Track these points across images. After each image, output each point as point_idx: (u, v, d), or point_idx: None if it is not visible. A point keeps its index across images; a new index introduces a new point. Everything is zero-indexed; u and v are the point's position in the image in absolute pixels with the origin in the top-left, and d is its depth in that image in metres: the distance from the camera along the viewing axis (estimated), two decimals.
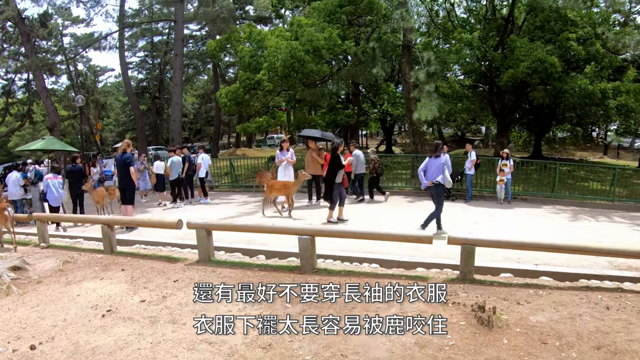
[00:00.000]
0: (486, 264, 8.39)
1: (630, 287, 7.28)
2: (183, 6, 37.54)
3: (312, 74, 22.81)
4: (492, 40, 28.57)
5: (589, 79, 23.87)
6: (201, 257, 8.65)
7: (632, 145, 55.10)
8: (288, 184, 14.83)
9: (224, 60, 44.21)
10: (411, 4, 24.69)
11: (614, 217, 15.89)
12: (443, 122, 40.36)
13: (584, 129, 39.35)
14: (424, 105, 19.86)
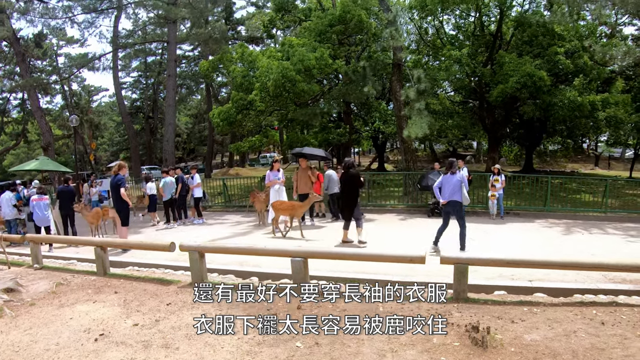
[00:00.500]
0: (480, 281, 8.39)
1: (625, 301, 7.31)
2: (176, 27, 37.73)
3: (303, 93, 22.88)
4: (481, 56, 28.82)
5: (578, 91, 24.11)
6: (194, 280, 8.63)
7: (623, 156, 55.43)
8: (296, 205, 14.46)
9: (216, 80, 44.42)
10: (400, 22, 24.91)
11: (607, 228, 15.94)
12: (435, 138, 40.53)
13: (575, 141, 39.65)
14: (414, 123, 19.96)
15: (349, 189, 12.36)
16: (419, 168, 24.24)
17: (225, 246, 9.34)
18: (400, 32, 23.83)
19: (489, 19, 30.77)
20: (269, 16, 36.50)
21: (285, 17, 33.28)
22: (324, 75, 27.20)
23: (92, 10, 38.34)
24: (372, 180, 23.84)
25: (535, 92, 23.49)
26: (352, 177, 12.29)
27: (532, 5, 30.50)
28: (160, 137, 55.21)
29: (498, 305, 6.99)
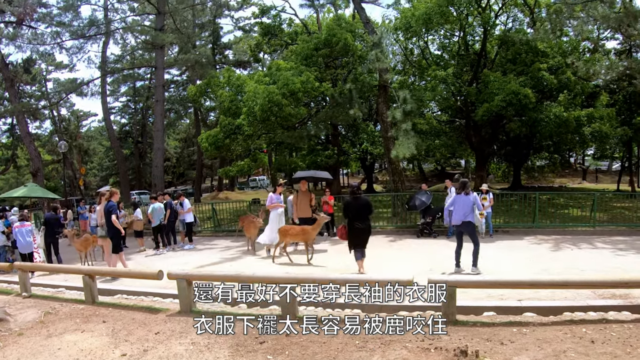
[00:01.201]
0: (469, 303, 8.38)
1: (615, 317, 7.35)
2: (163, 53, 37.84)
3: (290, 117, 22.96)
4: (467, 75, 29.04)
5: (563, 107, 24.33)
6: (182, 308, 8.64)
7: (610, 168, 55.97)
8: (306, 229, 13.78)
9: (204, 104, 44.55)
10: (386, 43, 25.08)
11: (596, 243, 16.04)
12: (423, 157, 40.66)
13: (562, 156, 39.87)
14: (401, 144, 20.09)
15: (363, 216, 11.52)
16: (407, 188, 24.31)
17: (213, 274, 9.35)
18: (386, 54, 24.03)
19: (474, 38, 31.02)
20: (255, 40, 36.87)
21: (271, 41, 33.59)
22: (310, 98, 27.32)
23: (81, 36, 38.42)
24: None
25: (521, 110, 23.67)
26: (366, 204, 11.56)
27: (515, 24, 30.85)
28: (149, 161, 55.19)
29: (487, 327, 7.01)
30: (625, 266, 12.12)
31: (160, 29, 35.68)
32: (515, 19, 31.06)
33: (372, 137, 34.91)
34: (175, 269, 9.20)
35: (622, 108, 30.15)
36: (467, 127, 29.86)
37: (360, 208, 11.48)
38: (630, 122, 29.05)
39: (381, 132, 26.25)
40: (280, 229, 14.44)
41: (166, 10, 36.32)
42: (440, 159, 48.63)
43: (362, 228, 11.50)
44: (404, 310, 8.18)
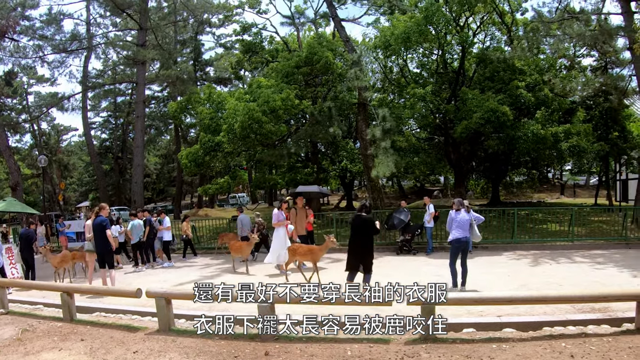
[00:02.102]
0: (449, 319, 8.14)
1: (594, 331, 7.46)
2: (145, 68, 37.84)
3: (270, 134, 22.99)
4: (445, 92, 29.25)
5: (540, 123, 24.57)
6: (161, 327, 8.59)
7: (588, 183, 56.49)
8: (314, 249, 13.63)
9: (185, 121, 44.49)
10: (366, 61, 25.34)
11: (574, 257, 16.24)
12: (402, 174, 40.74)
13: (540, 171, 40.17)
14: (381, 162, 20.23)
15: (362, 235, 10.98)
16: (387, 205, 24.41)
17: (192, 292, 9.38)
18: (365, 72, 24.26)
19: (452, 57, 31.28)
20: (236, 57, 36.98)
21: (252, 58, 33.69)
22: (290, 116, 27.40)
23: (63, 50, 38.28)
24: (341, 219, 23.95)
25: (499, 127, 23.89)
26: (364, 222, 10.99)
27: (493, 42, 31.21)
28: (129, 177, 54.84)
29: (467, 344, 7.07)
30: (603, 280, 12.33)
31: (142, 44, 35.72)
32: (493, 37, 31.44)
33: (351, 155, 35.00)
34: (154, 287, 9.21)
35: (599, 123, 30.49)
36: (445, 144, 30.03)
37: (358, 226, 11.03)
38: (606, 137, 29.38)
39: (360, 149, 26.35)
40: (289, 248, 14.26)
41: (148, 26, 36.40)
42: (419, 176, 48.71)
43: (358, 249, 11.04)
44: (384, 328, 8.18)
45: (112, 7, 35.58)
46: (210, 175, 39.82)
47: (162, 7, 41.60)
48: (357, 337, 7.65)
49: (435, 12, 24.39)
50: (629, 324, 7.81)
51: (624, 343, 6.80)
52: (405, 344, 7.07)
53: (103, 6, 38.68)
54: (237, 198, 60.86)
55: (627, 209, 22.90)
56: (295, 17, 33.95)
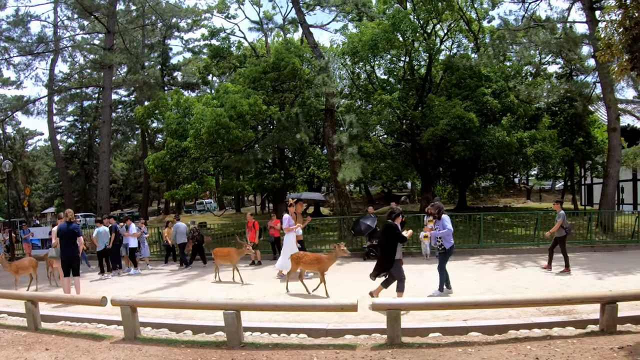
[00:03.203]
0: (414, 325, 8.43)
1: (560, 333, 7.54)
2: (112, 72, 37.41)
3: (237, 140, 22.90)
4: (412, 99, 29.45)
5: (506, 130, 24.82)
6: (127, 335, 8.45)
7: (553, 187, 57.33)
8: (321, 258, 12.36)
9: (152, 126, 44.08)
10: (333, 68, 25.40)
11: (540, 261, 16.40)
12: (369, 180, 40.83)
13: (506, 177, 40.53)
14: (347, 167, 20.26)
15: (384, 242, 10.70)
16: (354, 211, 24.45)
17: (158, 300, 9.27)
18: (333, 78, 24.32)
19: (419, 63, 31.54)
20: (204, 62, 36.75)
21: (220, 63, 33.54)
22: (258, 122, 27.27)
23: (29, 53, 37.61)
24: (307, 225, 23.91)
25: (465, 134, 24.13)
26: (385, 229, 10.74)
27: (460, 49, 31.54)
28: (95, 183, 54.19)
29: (433, 348, 7.06)
30: (568, 282, 12.55)
31: (109, 48, 35.32)
32: (460, 44, 31.80)
33: (318, 161, 35.11)
34: (120, 295, 9.04)
35: (564, 129, 30.96)
36: (412, 150, 30.22)
37: (390, 234, 10.60)
38: (571, 143, 29.85)
39: (328, 155, 26.38)
40: (292, 256, 13.10)
41: (116, 29, 36.00)
42: (386, 182, 48.89)
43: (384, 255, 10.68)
44: (350, 334, 8.21)
45: (80, 9, 35.07)
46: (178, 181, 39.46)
47: (130, 11, 41.17)
48: (324, 343, 7.63)
49: (402, 20, 24.57)
50: (593, 326, 7.89)
51: (588, 344, 6.88)
52: (372, 350, 7.05)
53: (71, 8, 38.14)
54: (205, 204, 60.54)
55: (592, 212, 23.20)
56: (263, 23, 33.92)
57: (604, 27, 8.66)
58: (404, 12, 25.61)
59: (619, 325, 7.68)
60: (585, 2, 23.06)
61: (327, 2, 28.08)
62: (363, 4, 27.73)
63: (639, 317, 8.51)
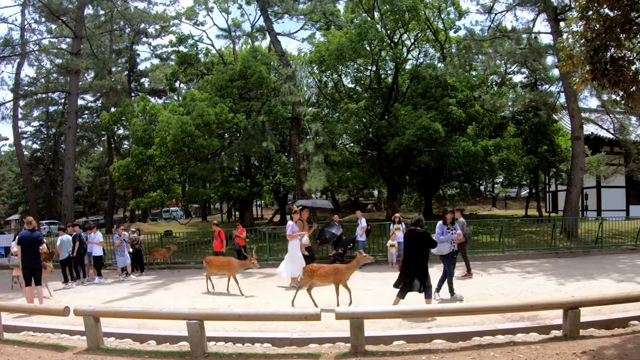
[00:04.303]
0: (378, 333, 8.44)
1: (523, 339, 7.60)
2: (78, 78, 36.90)
3: (202, 148, 22.85)
4: (379, 107, 29.62)
5: (471, 139, 25.06)
6: (90, 345, 8.34)
7: (519, 195, 58.08)
8: (339, 269, 11.48)
9: (118, 133, 43.57)
10: (301, 76, 25.43)
11: (505, 267, 16.61)
12: (336, 188, 40.85)
13: (472, 185, 40.89)
14: (313, 176, 20.33)
15: (416, 250, 10.47)
16: (320, 219, 24.43)
17: (120, 310, 9.16)
18: (300, 87, 24.39)
19: (386, 72, 31.74)
20: (171, 69, 36.49)
21: (187, 70, 33.35)
22: (224, 130, 27.15)
23: None
24: (274, 234, 23.84)
25: (431, 143, 24.34)
26: (420, 236, 10.49)
27: (426, 59, 31.86)
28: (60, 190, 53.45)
29: (397, 356, 7.09)
30: (533, 289, 12.71)
31: (76, 53, 34.85)
32: (426, 54, 32.15)
33: (285, 169, 35.09)
34: (82, 305, 8.91)
35: (529, 138, 31.37)
36: (379, 159, 30.33)
37: (412, 240, 10.58)
38: (536, 151, 30.26)
39: (294, 164, 26.38)
40: (306, 268, 12.00)
41: (83, 34, 35.52)
42: (353, 190, 49.01)
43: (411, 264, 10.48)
44: (314, 343, 8.22)
45: (47, 13, 34.58)
46: (143, 188, 39.04)
47: (98, 15, 40.64)
48: (288, 352, 7.62)
49: (368, 29, 24.68)
50: (556, 331, 8.02)
51: (551, 350, 6.97)
52: (336, 358, 7.06)
53: (38, 12, 37.61)
54: (171, 212, 60.10)
55: (556, 219, 23.58)
56: (231, 30, 33.81)
57: (565, 38, 8.82)
58: (370, 22, 25.75)
59: (582, 330, 7.82)
60: (550, 13, 23.47)
61: (296, 11, 28.12)
62: (331, 13, 27.88)
63: (601, 321, 8.72)
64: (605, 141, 29.59)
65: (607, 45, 7.95)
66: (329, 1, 28.22)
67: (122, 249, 19.09)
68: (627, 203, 32.63)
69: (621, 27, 7.89)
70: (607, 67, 7.94)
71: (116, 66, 46.76)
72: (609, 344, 7.20)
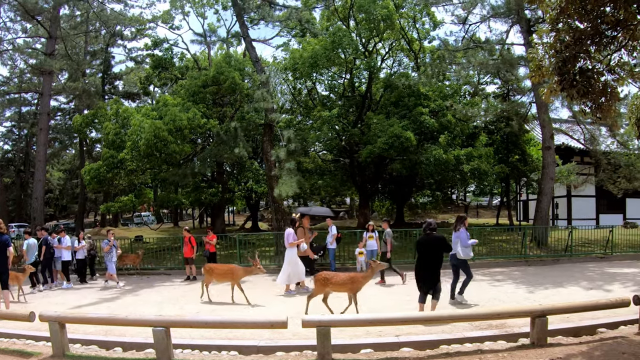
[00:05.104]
0: (346, 341, 8.42)
1: (491, 347, 7.65)
2: (51, 79, 36.46)
3: (175, 153, 22.75)
4: (352, 115, 29.77)
5: (443, 148, 25.21)
6: (55, 352, 8.18)
7: (490, 204, 58.56)
8: (356, 278, 11.12)
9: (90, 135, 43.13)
10: (275, 83, 25.41)
11: (475, 275, 16.59)
12: (308, 195, 40.85)
13: (444, 193, 41.19)
14: (284, 183, 20.32)
15: (434, 255, 10.69)
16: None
17: (87, 316, 9.07)
18: (274, 94, 24.38)
19: (360, 81, 31.91)
20: (146, 72, 36.29)
21: (162, 74, 33.13)
22: (197, 135, 27.03)
23: None
24: (245, 241, 23.74)
25: (403, 152, 24.53)
26: (436, 241, 10.73)
27: (400, 68, 32.08)
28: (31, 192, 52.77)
29: None
30: (501, 297, 12.90)
31: (50, 53, 34.44)
32: (400, 63, 32.39)
33: (257, 176, 34.99)
34: (48, 310, 8.72)
35: (500, 147, 31.69)
36: (351, 167, 30.43)
37: (427, 244, 10.80)
38: (507, 160, 30.59)
39: (265, 170, 26.36)
40: (319, 277, 11.43)
41: (58, 34, 35.15)
42: (325, 197, 49.04)
43: (428, 269, 10.72)
44: (281, 351, 8.18)
45: (23, 12, 34.19)
46: (114, 192, 38.64)
47: (74, 16, 40.20)
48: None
49: (343, 37, 24.82)
50: (524, 339, 8.06)
51: (518, 358, 7.02)
52: None
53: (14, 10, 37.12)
54: (142, 217, 59.62)
55: (526, 228, 23.86)
56: (207, 35, 33.67)
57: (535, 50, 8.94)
58: (345, 30, 25.91)
59: (550, 338, 7.88)
60: (523, 25, 23.81)
61: (272, 18, 28.12)
62: (307, 20, 27.92)
63: (570, 329, 8.82)
64: (575, 151, 30.07)
65: (577, 56, 8.06)
66: (305, 9, 28.28)
67: (111, 254, 18.58)
68: (597, 212, 33.20)
69: (591, 39, 8.00)
70: (575, 79, 8.04)
71: (90, 68, 46.29)
72: (576, 351, 7.26)
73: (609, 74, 8.48)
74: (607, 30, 8.07)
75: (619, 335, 8.23)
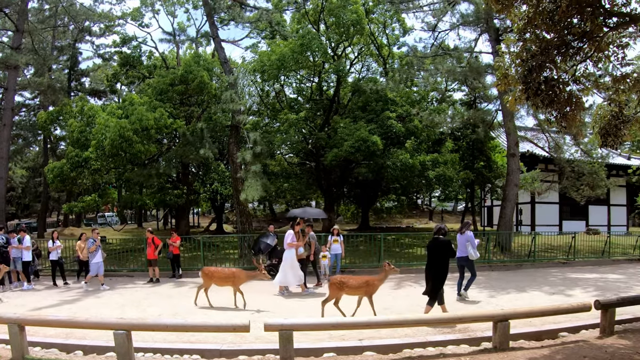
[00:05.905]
0: (309, 345, 8.40)
1: (453, 351, 7.76)
2: (17, 73, 35.70)
3: (140, 154, 22.51)
4: (320, 119, 29.78)
5: (409, 153, 25.34)
6: (14, 355, 8.06)
7: (455, 209, 59.17)
8: (371, 281, 11.18)
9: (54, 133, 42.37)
10: (243, 84, 25.34)
11: None
12: (274, 198, 40.76)
13: (409, 198, 41.30)
14: (250, 185, 20.27)
15: (439, 257, 10.81)
16: (258, 229, 24.36)
17: (46, 319, 8.93)
18: (242, 95, 24.31)
19: (328, 84, 31.93)
20: (113, 70, 35.92)
21: (129, 72, 32.84)
22: (163, 135, 26.76)
23: None
24: (210, 243, 23.59)
25: (369, 156, 24.59)
26: (441, 245, 10.85)
27: (369, 73, 32.23)
28: None
29: None
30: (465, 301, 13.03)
31: (17, 47, 33.83)
32: (369, 68, 32.52)
33: (222, 177, 34.88)
34: (7, 312, 8.67)
35: (466, 154, 31.94)
36: (317, 170, 30.43)
37: (435, 248, 10.93)
38: (472, 167, 30.86)
39: (231, 172, 26.25)
40: (334, 280, 11.31)
41: (25, 28, 34.52)
42: (290, 200, 48.99)
43: (434, 273, 10.82)
44: (244, 355, 8.17)
45: None
46: (78, 192, 38.04)
47: (42, 10, 39.56)
48: None
49: (312, 40, 24.84)
50: (487, 343, 8.20)
51: None
52: None
53: None
54: (106, 217, 58.85)
55: (490, 233, 24.11)
56: (176, 34, 33.44)
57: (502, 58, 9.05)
58: (314, 34, 25.93)
59: (512, 342, 8.01)
60: (492, 34, 24.10)
61: (242, 19, 28.01)
62: (277, 22, 27.94)
63: (532, 333, 8.95)
64: (540, 159, 30.54)
65: (543, 66, 8.17)
66: (276, 11, 28.28)
67: (97, 254, 17.93)
68: (560, 218, 33.78)
69: (557, 49, 8.12)
70: (540, 88, 8.16)
71: (57, 63, 45.47)
72: (538, 355, 7.37)
73: (575, 84, 8.62)
74: (573, 41, 8.19)
75: (580, 339, 8.41)
